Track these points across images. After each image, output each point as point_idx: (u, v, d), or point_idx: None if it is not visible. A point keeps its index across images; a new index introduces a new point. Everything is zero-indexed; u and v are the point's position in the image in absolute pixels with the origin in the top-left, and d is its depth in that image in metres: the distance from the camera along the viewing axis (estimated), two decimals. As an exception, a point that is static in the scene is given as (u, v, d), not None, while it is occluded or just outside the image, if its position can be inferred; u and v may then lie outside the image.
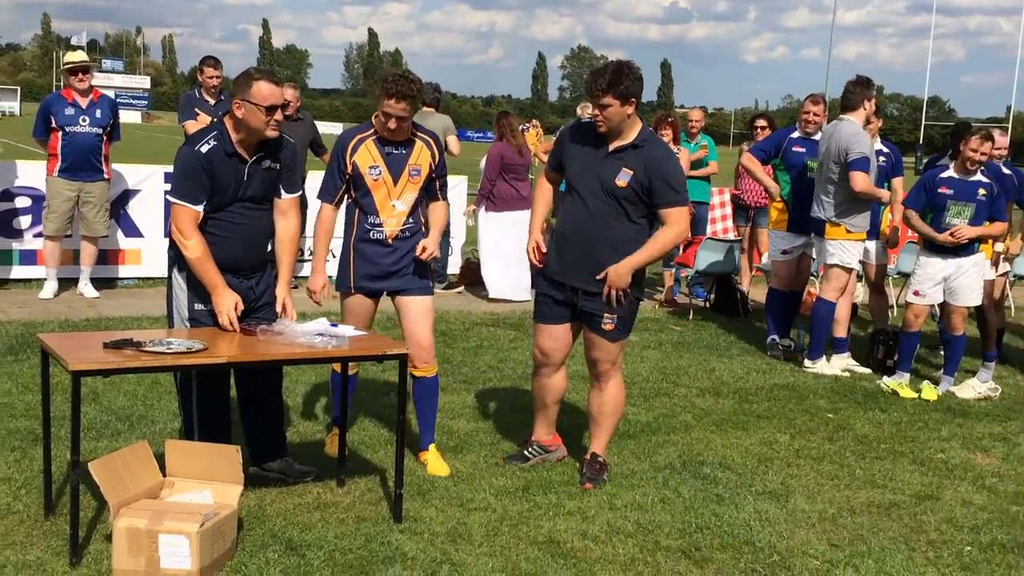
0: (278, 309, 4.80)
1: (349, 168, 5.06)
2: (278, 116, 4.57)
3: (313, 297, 5.22)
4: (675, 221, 4.93)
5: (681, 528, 4.65)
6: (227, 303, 4.51)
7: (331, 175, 5.15)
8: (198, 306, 4.61)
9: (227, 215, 4.59)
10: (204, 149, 4.49)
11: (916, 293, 7.52)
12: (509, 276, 10.15)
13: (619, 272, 4.91)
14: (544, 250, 5.15)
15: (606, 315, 5.01)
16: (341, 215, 5.28)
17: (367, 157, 5.05)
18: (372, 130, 5.07)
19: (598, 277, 4.93)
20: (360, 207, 5.11)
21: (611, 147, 4.94)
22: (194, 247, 4.48)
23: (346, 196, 5.17)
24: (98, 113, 8.82)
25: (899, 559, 4.46)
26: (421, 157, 5.09)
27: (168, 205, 4.66)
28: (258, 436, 4.91)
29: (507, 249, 10.01)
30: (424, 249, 5.05)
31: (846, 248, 7.74)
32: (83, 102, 8.77)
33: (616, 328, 5.05)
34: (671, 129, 10.11)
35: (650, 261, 5.01)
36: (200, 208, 4.49)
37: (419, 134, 5.12)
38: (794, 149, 8.40)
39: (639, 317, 9.55)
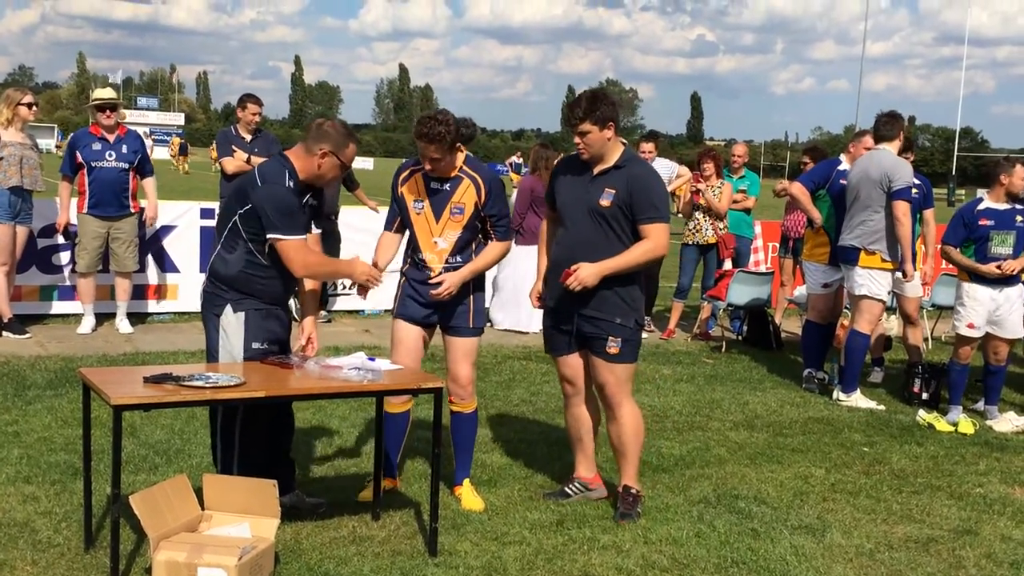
0: (303, 342, 4.89)
1: (399, 197, 5.14)
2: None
3: (370, 281, 4.90)
4: (654, 237, 4.99)
5: (716, 563, 4.63)
6: (362, 266, 4.78)
7: (391, 202, 5.23)
8: (255, 345, 4.66)
9: None
10: (291, 185, 4.63)
11: (971, 326, 7.44)
12: (528, 309, 10.13)
13: (588, 270, 4.90)
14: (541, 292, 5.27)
15: (610, 338, 5.04)
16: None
17: (414, 190, 5.10)
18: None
19: (567, 270, 4.91)
20: (409, 240, 5.18)
21: (595, 171, 5.04)
22: (316, 260, 4.76)
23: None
24: (124, 148, 8.92)
25: (938, 595, 4.42)
26: (466, 195, 5.05)
27: (206, 240, 4.72)
28: (273, 470, 4.85)
29: (528, 284, 9.99)
30: (442, 283, 4.98)
31: (875, 278, 7.72)
32: (110, 138, 8.90)
33: (621, 352, 5.07)
34: (713, 163, 10.12)
35: (622, 269, 4.96)
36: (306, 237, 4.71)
37: (468, 171, 5.08)
38: (842, 181, 8.37)
39: (672, 350, 9.62)
